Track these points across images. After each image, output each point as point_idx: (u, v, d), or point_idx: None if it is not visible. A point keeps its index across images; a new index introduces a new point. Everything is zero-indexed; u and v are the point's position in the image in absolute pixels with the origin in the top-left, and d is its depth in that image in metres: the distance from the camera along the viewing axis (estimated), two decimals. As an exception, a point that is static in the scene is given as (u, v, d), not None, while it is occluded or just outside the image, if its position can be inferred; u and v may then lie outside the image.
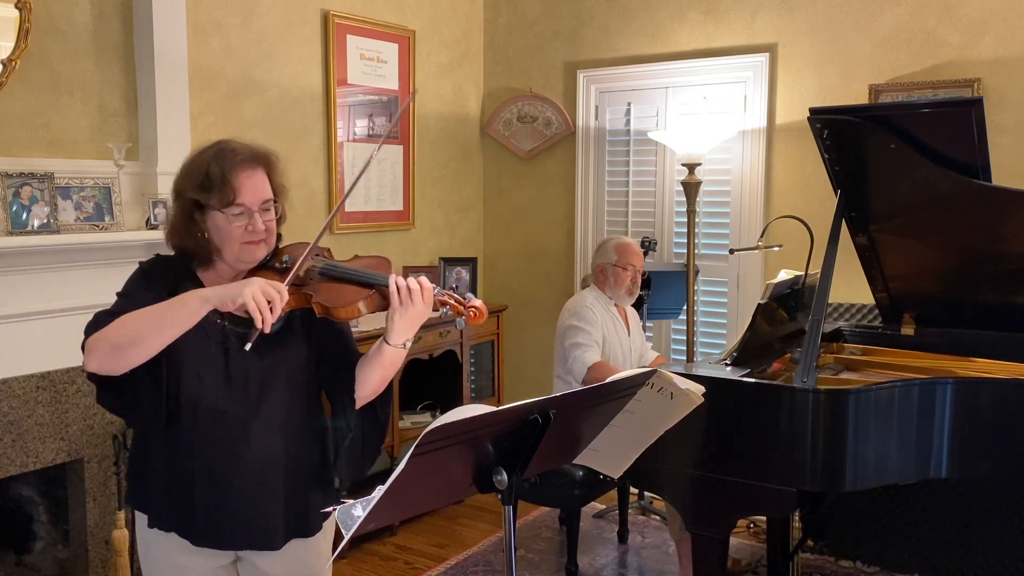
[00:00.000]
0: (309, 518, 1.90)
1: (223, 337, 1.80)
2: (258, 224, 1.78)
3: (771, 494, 2.50)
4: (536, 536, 4.09)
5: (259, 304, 1.62)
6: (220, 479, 1.80)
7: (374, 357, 1.85)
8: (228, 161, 1.76)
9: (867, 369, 3.06)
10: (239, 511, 1.82)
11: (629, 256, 3.65)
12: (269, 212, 1.81)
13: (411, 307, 1.76)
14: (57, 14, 3.18)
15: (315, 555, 1.95)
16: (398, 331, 1.79)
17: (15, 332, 2.96)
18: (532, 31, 5.07)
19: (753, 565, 3.72)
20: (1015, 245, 2.76)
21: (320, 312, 1.77)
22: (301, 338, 1.88)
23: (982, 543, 3.40)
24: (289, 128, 4.14)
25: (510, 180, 5.25)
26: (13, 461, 3.03)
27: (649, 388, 1.72)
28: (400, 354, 1.84)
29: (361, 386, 1.86)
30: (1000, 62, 3.75)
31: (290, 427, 1.86)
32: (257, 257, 1.82)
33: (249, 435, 1.81)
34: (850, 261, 3.15)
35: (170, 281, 1.80)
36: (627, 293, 3.67)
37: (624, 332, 3.69)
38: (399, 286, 1.75)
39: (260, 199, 1.78)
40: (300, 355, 1.88)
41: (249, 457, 1.81)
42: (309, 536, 1.91)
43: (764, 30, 4.31)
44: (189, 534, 1.83)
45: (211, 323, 1.79)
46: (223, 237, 1.78)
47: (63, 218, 3.10)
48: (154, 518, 1.86)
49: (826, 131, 2.70)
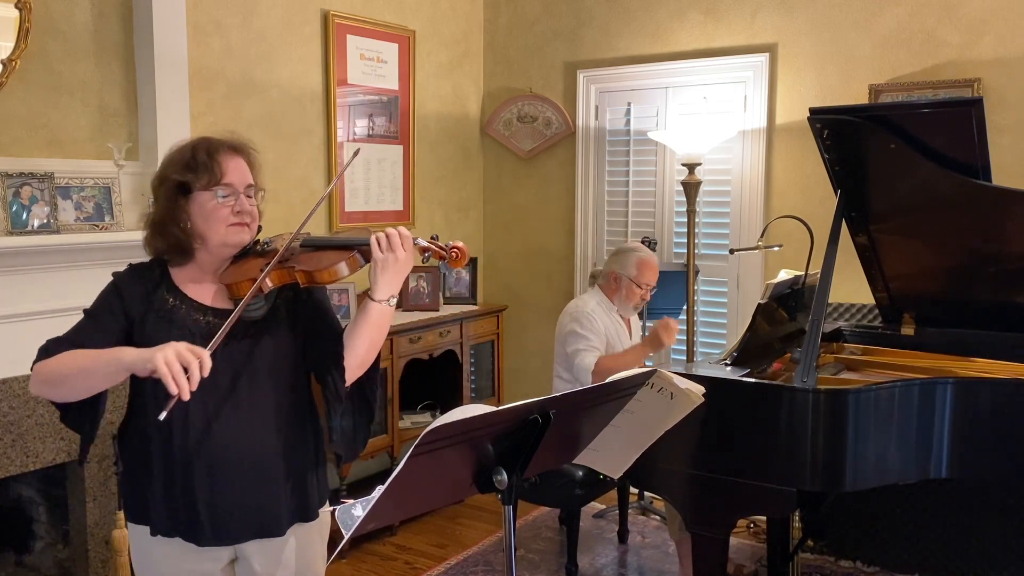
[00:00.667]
0: (309, 501, 1.93)
1: (209, 333, 1.79)
2: (244, 204, 1.82)
3: (771, 494, 2.50)
4: (536, 536, 4.09)
5: (172, 370, 1.56)
6: (220, 475, 1.81)
7: (360, 319, 1.86)
8: (213, 145, 1.82)
9: (867, 369, 3.06)
10: (243, 504, 1.83)
11: (649, 275, 3.58)
12: (252, 197, 1.85)
13: (392, 256, 1.79)
14: (57, 14, 3.18)
15: (310, 547, 1.96)
16: (383, 284, 1.82)
17: (15, 332, 2.96)
18: (532, 31, 5.07)
19: (755, 570, 3.72)
20: (1015, 245, 2.76)
21: (304, 280, 1.80)
22: (286, 324, 1.88)
23: (982, 543, 3.40)
24: (289, 128, 4.14)
25: (510, 180, 5.26)
26: (13, 461, 3.03)
27: (649, 388, 1.72)
28: (387, 312, 1.85)
29: (350, 354, 1.85)
30: (1000, 62, 3.75)
31: (282, 412, 1.87)
32: (243, 240, 1.84)
33: (243, 427, 1.81)
34: (850, 261, 3.15)
35: (146, 288, 1.82)
36: (634, 308, 3.64)
37: (627, 337, 3.68)
38: (379, 238, 1.80)
39: (245, 182, 1.83)
40: (286, 340, 1.88)
41: (246, 449, 1.82)
42: (310, 520, 1.93)
43: (764, 30, 4.31)
44: (195, 536, 1.83)
45: (194, 321, 1.81)
46: (209, 219, 1.79)
47: (63, 218, 3.11)
48: (156, 527, 1.85)
49: (826, 131, 2.70)
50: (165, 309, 1.82)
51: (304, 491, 1.91)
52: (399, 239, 1.80)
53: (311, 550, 1.96)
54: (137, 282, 1.84)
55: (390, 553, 3.93)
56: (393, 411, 4.19)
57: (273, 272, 1.78)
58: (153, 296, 1.82)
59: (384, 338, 1.90)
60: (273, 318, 1.87)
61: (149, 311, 1.81)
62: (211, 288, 1.86)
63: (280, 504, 1.87)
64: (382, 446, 4.18)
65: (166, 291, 1.83)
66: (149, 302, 1.81)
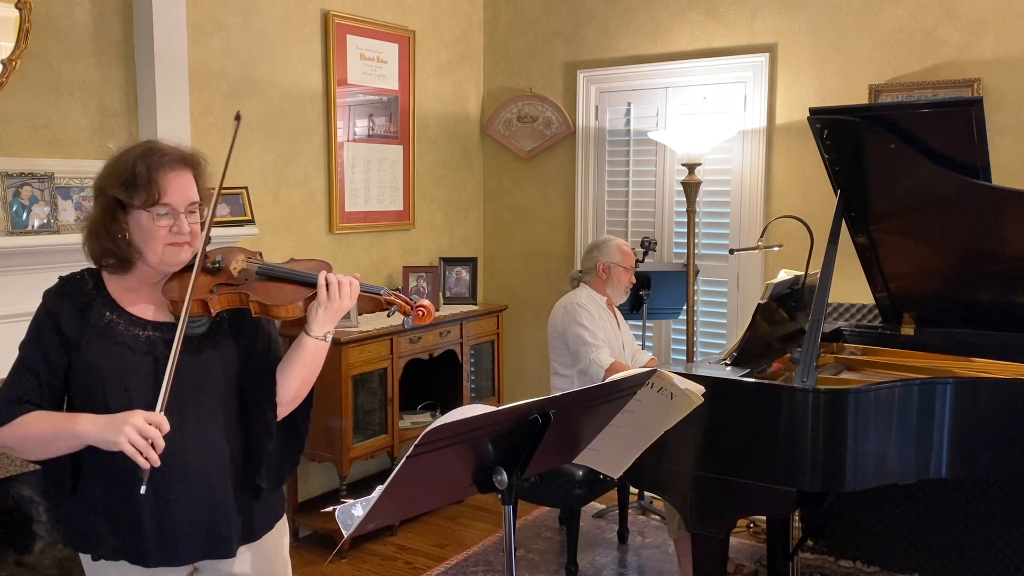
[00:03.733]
0: (254, 521, 1.88)
1: (150, 347, 1.76)
2: (183, 225, 1.73)
3: (771, 494, 2.50)
4: (536, 536, 4.09)
5: (138, 446, 1.57)
6: (167, 495, 1.73)
7: (295, 354, 1.83)
8: (155, 160, 1.72)
9: (867, 369, 3.06)
10: (191, 524, 1.77)
11: (630, 257, 3.76)
12: (195, 215, 1.77)
13: (336, 301, 1.77)
14: (57, 14, 3.18)
15: (273, 552, 1.94)
16: (320, 322, 1.79)
17: (15, 332, 2.95)
18: (532, 31, 5.07)
19: (755, 570, 3.72)
20: (1015, 245, 2.76)
21: (257, 311, 1.76)
22: (230, 337, 1.84)
23: (982, 543, 3.40)
24: (289, 128, 4.14)
25: (510, 180, 5.26)
26: (13, 461, 3.03)
27: (649, 388, 1.72)
28: (322, 348, 1.83)
29: (282, 389, 1.83)
30: (1000, 62, 3.75)
31: (230, 427, 1.82)
32: (181, 260, 1.77)
33: (190, 444, 1.74)
34: (850, 261, 3.15)
35: (79, 305, 1.76)
36: (624, 292, 3.77)
37: (616, 326, 3.76)
38: (329, 282, 1.77)
39: (186, 200, 1.74)
40: (230, 354, 1.83)
41: (195, 466, 1.76)
42: (255, 540, 1.89)
43: (764, 30, 4.31)
44: (141, 559, 1.76)
45: (133, 336, 1.76)
46: (146, 238, 1.72)
47: (63, 218, 3.11)
48: (99, 552, 1.79)
49: (826, 131, 2.70)
50: (102, 325, 1.75)
51: (250, 510, 1.86)
52: (348, 290, 1.78)
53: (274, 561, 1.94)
54: (69, 301, 1.77)
55: (390, 553, 3.93)
56: (393, 411, 4.19)
57: (223, 295, 1.74)
58: (88, 313, 1.75)
59: (318, 373, 1.87)
60: (217, 331, 1.82)
61: (86, 329, 1.74)
62: (150, 300, 1.80)
63: (228, 523, 1.81)
64: (382, 446, 4.18)
65: (102, 304, 1.77)
66: (85, 320, 1.75)
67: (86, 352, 1.74)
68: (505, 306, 4.97)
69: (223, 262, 1.81)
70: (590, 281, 3.74)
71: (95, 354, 1.73)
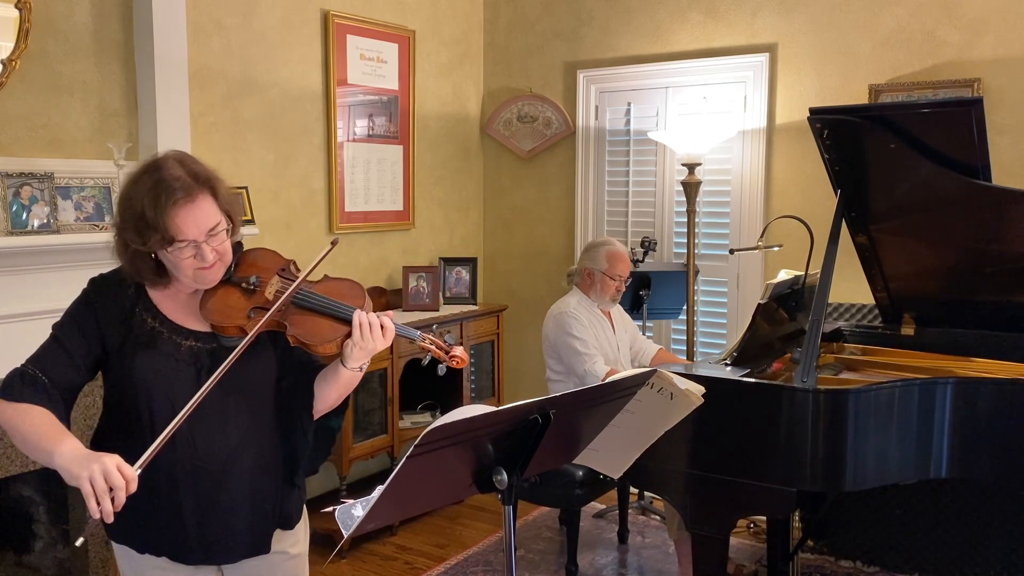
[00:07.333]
0: (291, 514, 1.94)
1: (192, 357, 1.77)
2: (206, 254, 1.70)
3: (771, 494, 2.50)
4: (536, 536, 4.09)
5: (97, 490, 1.51)
6: (209, 501, 1.78)
7: (331, 376, 1.85)
8: (163, 200, 1.65)
9: (867, 369, 3.06)
10: (232, 526, 1.81)
11: (619, 267, 3.62)
12: (218, 236, 1.72)
13: (371, 343, 1.77)
14: (57, 14, 3.18)
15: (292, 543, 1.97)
16: (355, 358, 1.80)
17: (15, 332, 2.96)
18: (532, 31, 5.07)
19: (755, 570, 3.72)
20: (1015, 245, 2.76)
21: (294, 343, 1.77)
22: (269, 344, 1.85)
23: (982, 543, 3.40)
24: (289, 128, 4.14)
25: (510, 180, 5.26)
26: (13, 461, 3.03)
27: (649, 388, 1.72)
28: (356, 376, 1.85)
29: (319, 401, 1.86)
30: (1000, 62, 3.75)
31: (267, 433, 1.85)
32: (213, 280, 1.76)
33: (231, 452, 1.78)
34: (850, 261, 3.15)
35: (122, 308, 1.75)
36: (611, 300, 3.66)
37: (610, 331, 3.69)
38: (362, 324, 1.75)
39: (205, 230, 1.69)
40: (269, 363, 1.86)
41: (236, 473, 1.79)
42: (290, 529, 1.94)
43: (764, 30, 4.31)
44: (184, 557, 1.81)
45: (178, 346, 1.76)
46: (174, 267, 1.73)
47: (63, 218, 3.11)
48: (142, 547, 1.82)
49: (826, 131, 2.70)
50: (145, 332, 1.75)
51: (285, 506, 1.91)
52: (381, 333, 1.77)
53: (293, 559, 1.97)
54: (112, 303, 1.76)
55: (390, 553, 3.93)
56: (393, 411, 4.19)
57: (259, 320, 1.74)
58: (131, 318, 1.75)
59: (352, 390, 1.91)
60: (256, 341, 1.81)
61: (128, 336, 1.74)
62: (189, 308, 1.80)
63: (268, 522, 1.87)
64: (382, 446, 4.18)
65: (143, 310, 1.77)
66: (128, 326, 1.75)
67: (130, 359, 1.74)
68: (505, 306, 4.97)
69: (258, 283, 1.80)
70: (579, 283, 3.70)
71: (141, 363, 1.73)
